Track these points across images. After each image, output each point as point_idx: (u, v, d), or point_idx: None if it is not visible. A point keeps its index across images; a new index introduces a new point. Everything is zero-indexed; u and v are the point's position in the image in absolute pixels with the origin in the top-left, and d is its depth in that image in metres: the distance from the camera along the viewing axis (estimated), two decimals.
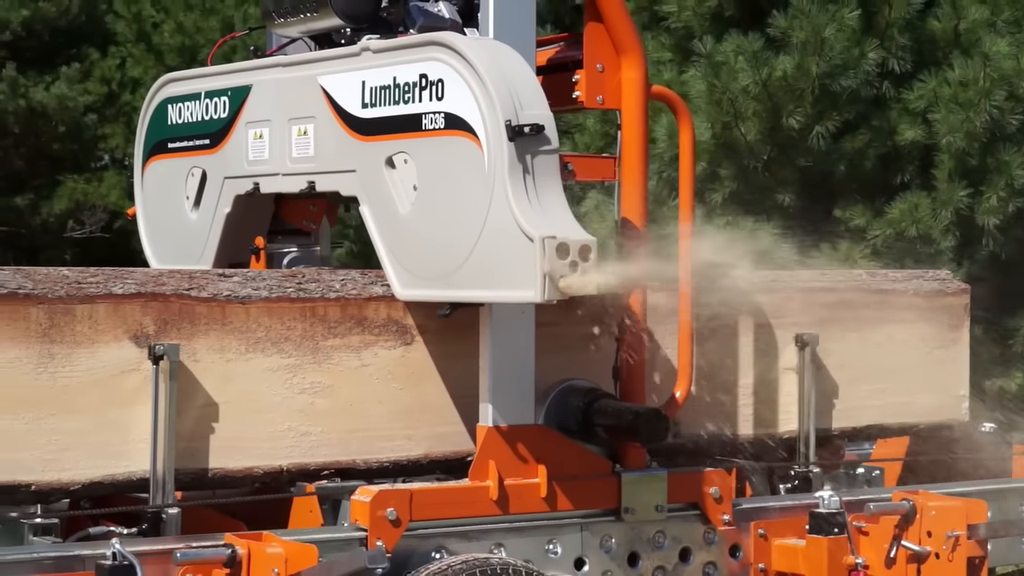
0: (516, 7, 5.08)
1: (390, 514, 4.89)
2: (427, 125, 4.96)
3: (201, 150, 5.94)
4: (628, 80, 5.30)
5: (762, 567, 5.72)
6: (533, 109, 4.79)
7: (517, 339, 5.15)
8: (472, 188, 4.83)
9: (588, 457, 5.30)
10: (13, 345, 4.80)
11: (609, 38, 5.28)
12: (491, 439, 5.11)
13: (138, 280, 5.05)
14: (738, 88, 8.01)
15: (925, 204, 8.06)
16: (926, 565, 5.73)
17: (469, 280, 4.86)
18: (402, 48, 5.12)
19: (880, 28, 8.06)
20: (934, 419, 6.47)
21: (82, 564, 4.64)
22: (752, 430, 6.06)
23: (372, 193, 5.19)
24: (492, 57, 4.87)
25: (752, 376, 6.04)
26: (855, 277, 6.49)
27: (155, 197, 6.26)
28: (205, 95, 5.95)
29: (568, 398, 5.32)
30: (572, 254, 4.63)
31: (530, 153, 4.76)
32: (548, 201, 4.78)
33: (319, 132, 5.39)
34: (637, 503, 5.33)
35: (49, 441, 4.84)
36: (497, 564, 5.09)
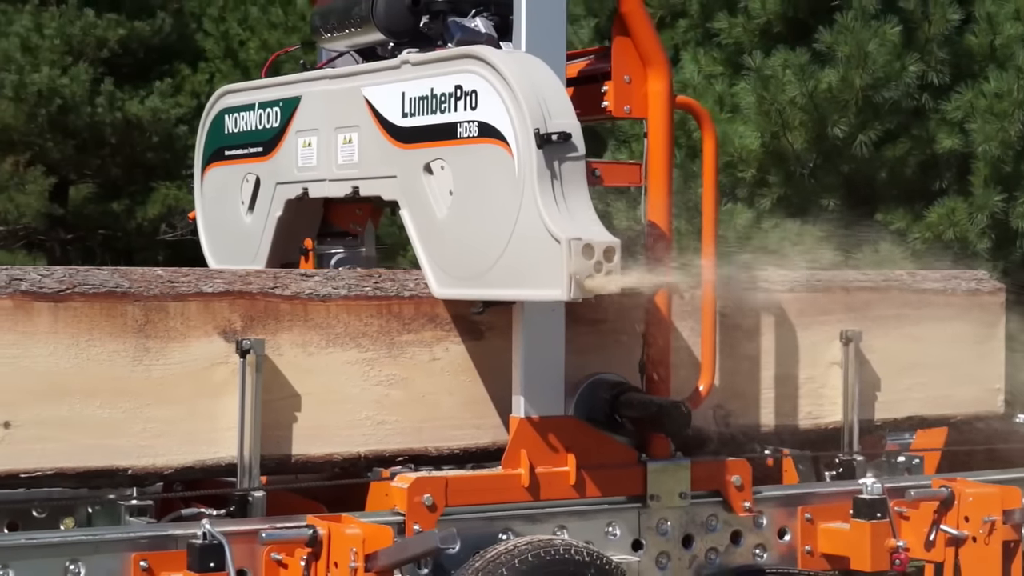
0: (547, 22, 5.06)
1: (426, 500, 4.89)
2: (462, 133, 4.95)
3: (255, 157, 5.94)
4: (654, 91, 5.27)
5: (808, 549, 5.70)
6: (561, 118, 4.78)
7: (547, 335, 5.13)
8: (503, 193, 4.82)
9: (615, 447, 5.28)
10: (112, 340, 4.83)
11: (636, 51, 5.26)
12: (523, 429, 5.10)
13: (226, 279, 5.07)
14: (786, 100, 7.97)
15: (962, 208, 8.01)
16: (964, 548, 5.69)
17: (500, 279, 4.85)
18: (439, 61, 5.11)
19: (920, 43, 8.01)
20: (971, 411, 6.44)
21: (175, 543, 4.67)
22: (799, 421, 6.04)
23: (411, 198, 5.18)
24: (522, 69, 4.85)
25: (800, 370, 6.02)
26: (896, 277, 6.45)
27: (213, 201, 6.28)
28: (259, 106, 5.95)
29: (596, 391, 5.30)
30: (597, 255, 4.62)
31: (558, 159, 4.74)
32: (574, 205, 4.76)
33: (363, 140, 5.38)
34: (662, 491, 5.31)
35: (144, 429, 4.87)
36: (560, 545, 5.09)
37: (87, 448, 4.79)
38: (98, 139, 15.70)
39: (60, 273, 4.90)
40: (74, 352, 4.78)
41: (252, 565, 4.73)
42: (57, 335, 4.76)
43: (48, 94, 14.15)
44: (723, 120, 8.22)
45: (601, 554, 5.15)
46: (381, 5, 5.38)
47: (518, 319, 5.10)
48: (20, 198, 14.79)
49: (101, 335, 4.82)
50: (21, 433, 4.70)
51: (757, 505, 5.62)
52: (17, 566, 4.52)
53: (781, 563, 5.67)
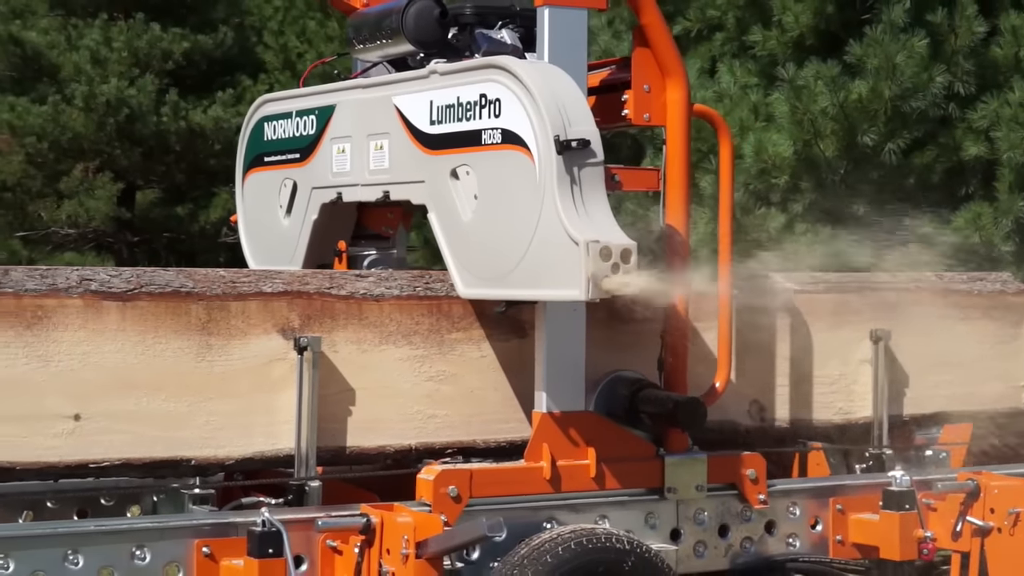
0: (569, 34, 5.03)
1: (451, 491, 4.87)
2: (486, 140, 4.92)
3: (292, 163, 5.93)
4: (672, 100, 5.23)
5: (839, 538, 5.67)
6: (580, 125, 4.75)
7: (569, 334, 5.09)
8: (525, 197, 4.79)
9: (634, 441, 5.24)
10: (176, 337, 4.85)
11: (655, 62, 5.21)
12: (545, 424, 5.07)
13: (285, 280, 5.09)
14: (817, 109, 7.95)
15: (987, 213, 7.97)
16: (989, 539, 5.66)
17: (522, 280, 4.82)
18: (465, 71, 5.08)
19: (947, 55, 7.98)
20: (995, 407, 6.39)
21: (235, 530, 4.68)
22: (832, 416, 6.02)
23: (439, 202, 5.16)
24: (544, 78, 4.83)
25: (832, 368, 6.00)
26: (924, 279, 6.42)
27: (253, 206, 6.27)
28: (296, 114, 5.94)
29: (616, 387, 5.25)
30: (614, 257, 4.58)
31: (577, 165, 4.71)
32: (593, 208, 4.72)
33: (393, 146, 5.37)
34: (679, 483, 5.27)
35: (207, 421, 4.88)
36: (601, 533, 5.08)
37: (153, 440, 4.81)
38: (163, 147, 15.77)
39: (128, 274, 4.93)
40: (141, 348, 4.80)
41: (308, 551, 4.74)
42: (125, 332, 4.79)
43: (116, 104, 14.22)
44: (758, 129, 8.21)
45: (641, 542, 5.14)
46: (411, 18, 5.36)
47: (541, 318, 5.07)
48: (90, 203, 14.86)
49: (166, 332, 4.84)
50: (91, 425, 4.72)
51: (791, 496, 5.60)
52: (86, 551, 4.54)
53: (813, 552, 5.65)
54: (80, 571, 4.54)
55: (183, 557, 4.66)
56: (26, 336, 4.65)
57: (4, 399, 4.62)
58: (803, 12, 8.16)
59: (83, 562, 4.54)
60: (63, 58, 14.41)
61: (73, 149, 14.57)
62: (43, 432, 4.66)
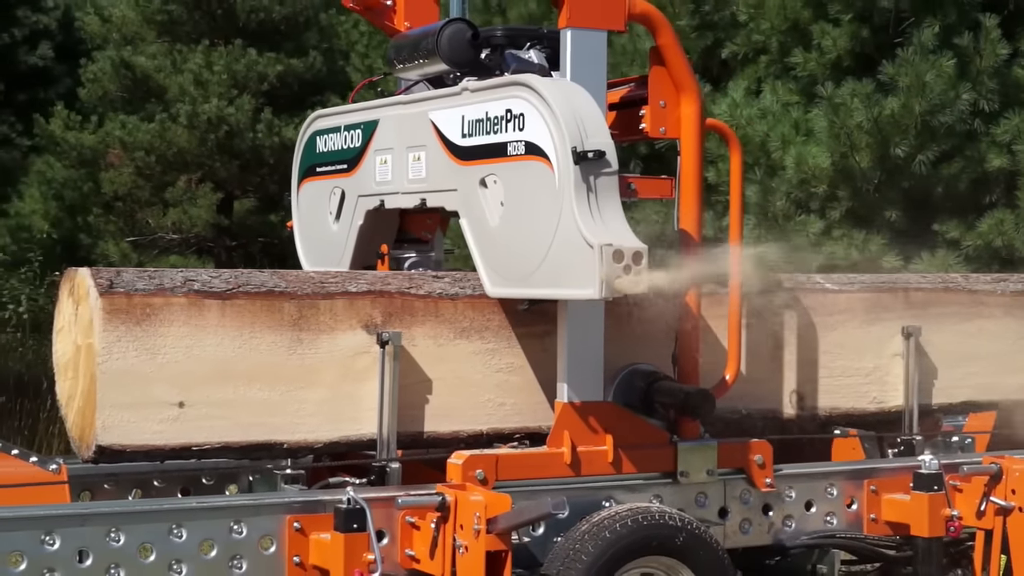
0: (589, 54, 4.99)
1: (479, 474, 4.83)
2: (511, 151, 4.88)
3: (340, 173, 5.89)
4: (686, 114, 5.17)
5: (873, 517, 5.64)
6: (596, 137, 4.70)
7: (589, 329, 5.03)
8: (546, 204, 4.75)
9: (649, 429, 5.17)
10: (270, 332, 4.87)
11: (670, 79, 5.16)
12: (566, 413, 5.02)
13: (369, 280, 5.10)
14: (853, 124, 7.90)
15: (1009, 220, 7.90)
16: (1011, 518, 5.62)
17: (543, 280, 4.77)
18: (493, 88, 5.03)
19: (972, 74, 7.91)
20: (1018, 397, 6.34)
21: (323, 507, 4.70)
22: (866, 405, 5.98)
23: (469, 208, 5.11)
24: (563, 94, 4.79)
25: (866, 361, 5.96)
26: (951, 279, 6.37)
27: (307, 212, 6.22)
28: (344, 128, 5.90)
29: (633, 379, 5.21)
30: (626, 259, 4.54)
31: (593, 174, 4.67)
32: (607, 214, 4.67)
33: (429, 157, 5.32)
34: (691, 468, 5.21)
35: (298, 409, 4.90)
36: (656, 511, 5.07)
37: (249, 425, 4.84)
38: (258, 160, 15.83)
39: (227, 275, 4.95)
40: (238, 343, 4.83)
41: (389, 527, 4.75)
42: (224, 328, 4.81)
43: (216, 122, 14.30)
44: (799, 143, 8.17)
45: (692, 519, 5.12)
46: (445, 40, 5.32)
47: (563, 316, 5.02)
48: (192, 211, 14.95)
49: (261, 328, 4.86)
50: (193, 412, 4.75)
51: (830, 479, 5.56)
52: (189, 526, 4.57)
53: (849, 529, 5.62)
54: (183, 544, 4.56)
55: (276, 531, 4.68)
56: (136, 331, 4.68)
57: (116, 388, 4.65)
58: (840, 36, 8.11)
59: (186, 535, 4.57)
60: (169, 80, 14.51)
61: (178, 162, 14.66)
62: (151, 418, 4.70)
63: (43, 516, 4.48)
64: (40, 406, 9.91)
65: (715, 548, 5.14)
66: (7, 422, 10.00)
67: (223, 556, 4.61)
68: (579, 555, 4.89)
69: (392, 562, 4.73)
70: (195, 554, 4.57)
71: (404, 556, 4.76)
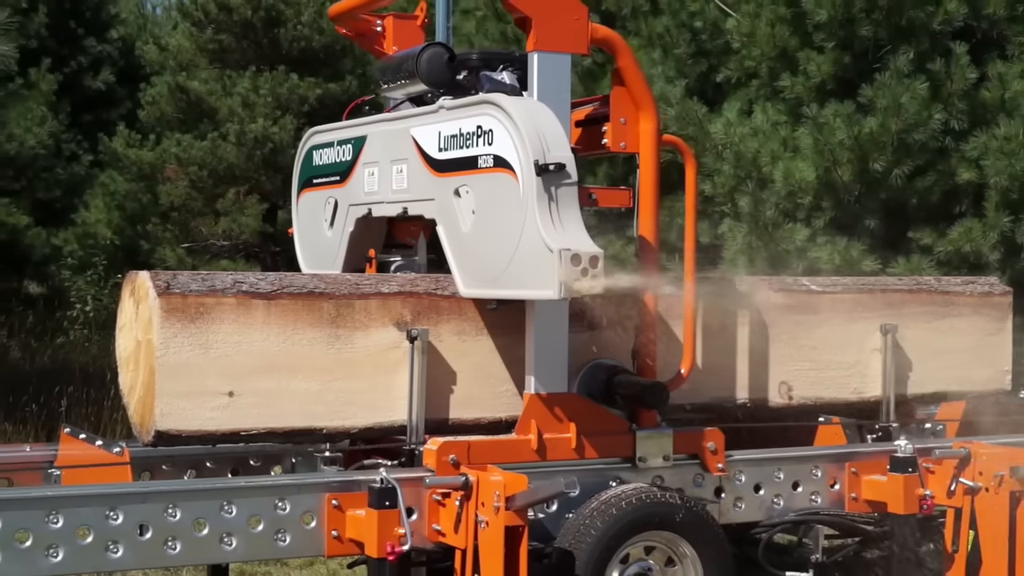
0: (554, 75, 4.91)
1: (452, 459, 4.79)
2: (481, 164, 4.84)
3: (333, 184, 5.84)
4: (644, 130, 5.10)
5: (854, 496, 5.64)
6: (557, 151, 4.64)
7: (553, 327, 4.97)
8: (511, 212, 4.70)
9: (610, 418, 5.11)
10: (311, 328, 4.88)
11: (630, 98, 5.09)
12: (533, 403, 4.96)
13: (399, 282, 5.10)
14: (836, 142, 7.87)
15: (977, 228, 7.86)
16: (978, 497, 5.60)
17: (509, 282, 4.73)
18: (465, 106, 4.99)
19: (944, 96, 7.87)
20: (984, 388, 6.33)
21: (358, 486, 4.71)
22: (848, 395, 5.97)
23: (445, 216, 5.07)
24: (528, 112, 4.74)
25: (848, 355, 5.95)
26: (925, 282, 6.36)
27: (305, 220, 6.17)
28: (337, 143, 5.85)
29: (595, 372, 5.15)
30: (583, 263, 4.48)
31: (554, 185, 4.61)
32: (567, 221, 4.62)
33: (410, 170, 5.28)
34: (648, 454, 5.15)
35: (336, 398, 4.90)
36: (657, 491, 5.08)
37: (291, 413, 4.85)
38: None
39: (272, 277, 4.96)
40: (282, 338, 4.84)
41: (418, 504, 4.76)
42: (269, 325, 4.82)
43: (262, 140, 14.29)
44: (786, 158, 8.13)
45: (690, 498, 5.13)
46: (424, 62, 5.27)
47: (530, 314, 4.96)
48: (241, 219, 14.94)
49: (303, 325, 4.87)
50: (242, 401, 4.76)
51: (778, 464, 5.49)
52: (238, 502, 4.58)
53: (831, 507, 5.61)
54: (233, 519, 4.57)
55: (316, 508, 4.69)
56: (190, 328, 4.70)
57: (173, 379, 4.67)
58: (824, 62, 8.08)
59: (236, 511, 4.58)
60: (219, 103, 14.50)
61: (227, 176, 14.65)
62: (204, 406, 4.71)
63: (108, 494, 4.50)
64: (105, 395, 9.93)
65: (711, 524, 5.13)
66: (75, 409, 10.03)
67: (269, 530, 4.62)
68: (588, 530, 4.90)
69: (420, 536, 4.73)
70: (243, 528, 4.58)
71: (431, 530, 4.76)
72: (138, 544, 4.44)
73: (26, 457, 5.49)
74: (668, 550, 5.09)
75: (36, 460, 5.47)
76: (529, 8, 4.83)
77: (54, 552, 4.35)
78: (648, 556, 5.07)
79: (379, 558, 4.54)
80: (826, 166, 7.96)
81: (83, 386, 10.25)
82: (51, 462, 5.44)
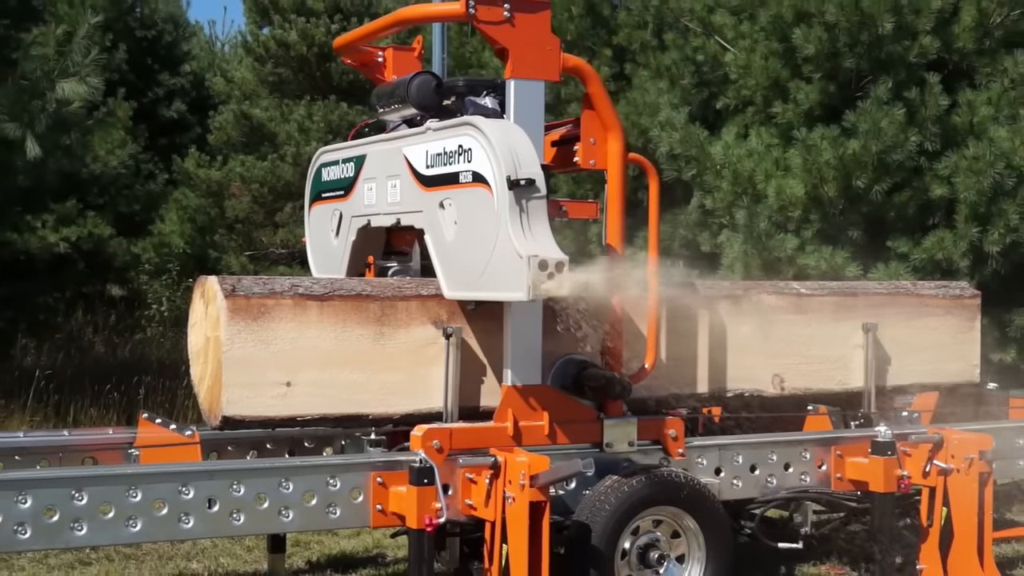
0: (530, 100, 4.83)
1: (435, 444, 4.74)
2: (462, 179, 4.78)
3: (339, 198, 5.78)
4: (611, 149, 5.02)
5: (839, 476, 5.61)
6: (528, 168, 4.58)
7: (529, 325, 4.90)
8: (487, 222, 4.64)
9: (580, 408, 5.03)
10: (359, 326, 4.88)
11: (599, 120, 5.00)
12: (510, 394, 4.90)
13: (436, 286, 5.08)
14: (822, 161, 7.83)
15: (949, 238, 7.81)
16: (951, 477, 5.57)
17: (486, 285, 4.67)
18: (449, 128, 4.94)
19: (919, 121, 7.83)
20: (956, 380, 6.29)
21: (401, 466, 4.71)
22: (833, 386, 5.94)
23: (432, 226, 5.01)
24: (502, 132, 4.69)
25: (834, 350, 5.92)
26: (902, 285, 6.33)
27: (315, 230, 6.10)
28: (342, 161, 5.79)
29: (567, 367, 5.08)
30: (550, 268, 4.43)
31: (524, 198, 4.56)
32: (536, 231, 4.55)
33: (402, 185, 5.22)
34: (615, 440, 5.07)
35: (381, 387, 4.90)
36: (664, 471, 5.07)
37: (341, 400, 4.85)
38: None
39: (324, 281, 4.97)
40: (333, 335, 4.84)
41: (452, 481, 4.76)
42: (322, 323, 4.83)
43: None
44: (778, 176, 8.10)
45: (693, 477, 5.12)
46: (414, 89, 5.22)
47: (507, 314, 4.90)
48: (297, 230, 14.95)
49: (352, 323, 4.87)
50: (298, 390, 4.77)
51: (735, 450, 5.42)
52: (295, 479, 4.59)
53: (819, 486, 5.58)
54: (290, 493, 4.58)
55: (363, 484, 4.69)
56: (253, 326, 4.71)
57: (237, 371, 4.68)
58: (812, 91, 8.05)
59: (292, 487, 4.58)
60: (278, 128, 14.54)
61: (285, 193, 14.67)
62: (264, 395, 4.72)
63: (180, 471, 4.52)
64: (178, 385, 9.96)
65: (712, 500, 5.12)
66: (152, 397, 10.06)
67: (321, 504, 4.62)
68: (603, 505, 4.89)
69: (455, 509, 4.74)
70: (299, 502, 4.59)
71: (464, 505, 4.76)
72: (207, 516, 4.46)
73: (109, 439, 5.52)
74: (674, 523, 5.07)
75: (118, 442, 5.50)
76: (507, 40, 4.79)
77: (133, 523, 4.36)
78: (656, 528, 5.06)
79: (418, 529, 4.54)
80: (814, 183, 7.93)
81: (159, 377, 10.28)
82: (131, 443, 5.47)
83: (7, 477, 4.28)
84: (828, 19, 7.91)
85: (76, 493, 4.29)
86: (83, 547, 4.94)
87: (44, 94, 9.04)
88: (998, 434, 5.81)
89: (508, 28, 4.77)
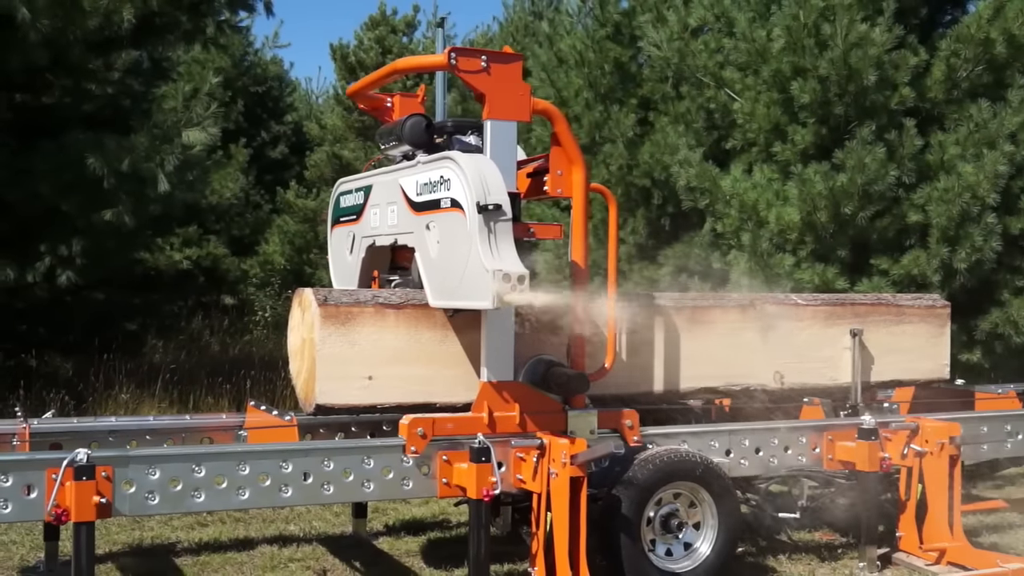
0: (504, 138, 4.74)
1: (419, 431, 4.65)
2: (443, 205, 4.69)
3: (352, 222, 5.67)
4: (576, 180, 4.89)
5: (830, 457, 5.53)
6: (496, 195, 4.49)
7: (502, 329, 4.78)
8: (462, 241, 4.55)
9: (547, 401, 4.90)
10: (428, 330, 4.88)
11: (565, 155, 4.89)
12: (486, 388, 4.77)
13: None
14: (816, 192, 7.75)
15: (923, 256, 7.71)
16: (925, 459, 5.51)
17: (461, 295, 4.56)
18: (433, 161, 4.85)
19: (898, 158, 7.73)
20: (929, 377, 6.19)
21: (462, 445, 4.69)
22: (825, 382, 5.87)
23: (420, 245, 4.92)
24: (475, 165, 4.59)
25: (825, 351, 5.85)
26: (884, 297, 6.24)
27: (335, 249, 5.96)
28: (355, 190, 5.68)
29: (536, 366, 4.98)
30: (512, 280, 4.33)
31: (492, 221, 4.46)
32: (502, 248, 4.45)
33: (398, 210, 5.12)
34: (578, 428, 4.92)
35: (445, 381, 4.89)
36: (683, 451, 5.02)
37: (414, 391, 4.84)
38: None
39: (401, 293, 4.97)
40: (407, 337, 4.84)
41: (505, 459, 4.74)
42: (398, 327, 4.83)
43: None
44: (778, 205, 8.02)
45: (708, 457, 5.07)
46: (407, 129, 5.16)
47: (484, 320, 4.79)
48: None
49: (422, 328, 4.87)
50: (378, 383, 4.77)
51: (798, 431, 5.41)
52: (375, 457, 4.60)
53: (813, 466, 5.51)
54: (371, 468, 4.58)
55: (431, 461, 4.69)
56: (341, 330, 4.72)
57: (328, 367, 4.69)
58: (807, 134, 7.98)
59: (373, 463, 4.59)
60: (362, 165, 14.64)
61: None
62: (350, 386, 4.72)
63: (280, 450, 4.53)
64: (278, 378, 10.03)
65: (724, 476, 5.07)
66: (257, 388, 10.13)
67: (396, 477, 4.63)
68: (632, 480, 4.86)
69: (507, 483, 4.72)
70: (378, 475, 4.60)
71: (515, 479, 4.75)
72: (303, 487, 4.47)
73: (222, 423, 5.55)
74: (691, 496, 5.03)
75: (229, 425, 5.52)
76: (484, 87, 4.71)
77: (242, 492, 4.39)
78: (676, 500, 5.01)
79: (477, 499, 4.54)
80: (808, 211, 7.85)
81: (263, 371, 10.36)
82: (240, 426, 5.49)
83: (140, 454, 4.31)
84: (821, 73, 7.86)
85: (195, 467, 4.32)
86: (201, 511, 4.96)
87: (172, 140, 9.25)
88: (965, 423, 5.73)
89: (485, 76, 4.69)
